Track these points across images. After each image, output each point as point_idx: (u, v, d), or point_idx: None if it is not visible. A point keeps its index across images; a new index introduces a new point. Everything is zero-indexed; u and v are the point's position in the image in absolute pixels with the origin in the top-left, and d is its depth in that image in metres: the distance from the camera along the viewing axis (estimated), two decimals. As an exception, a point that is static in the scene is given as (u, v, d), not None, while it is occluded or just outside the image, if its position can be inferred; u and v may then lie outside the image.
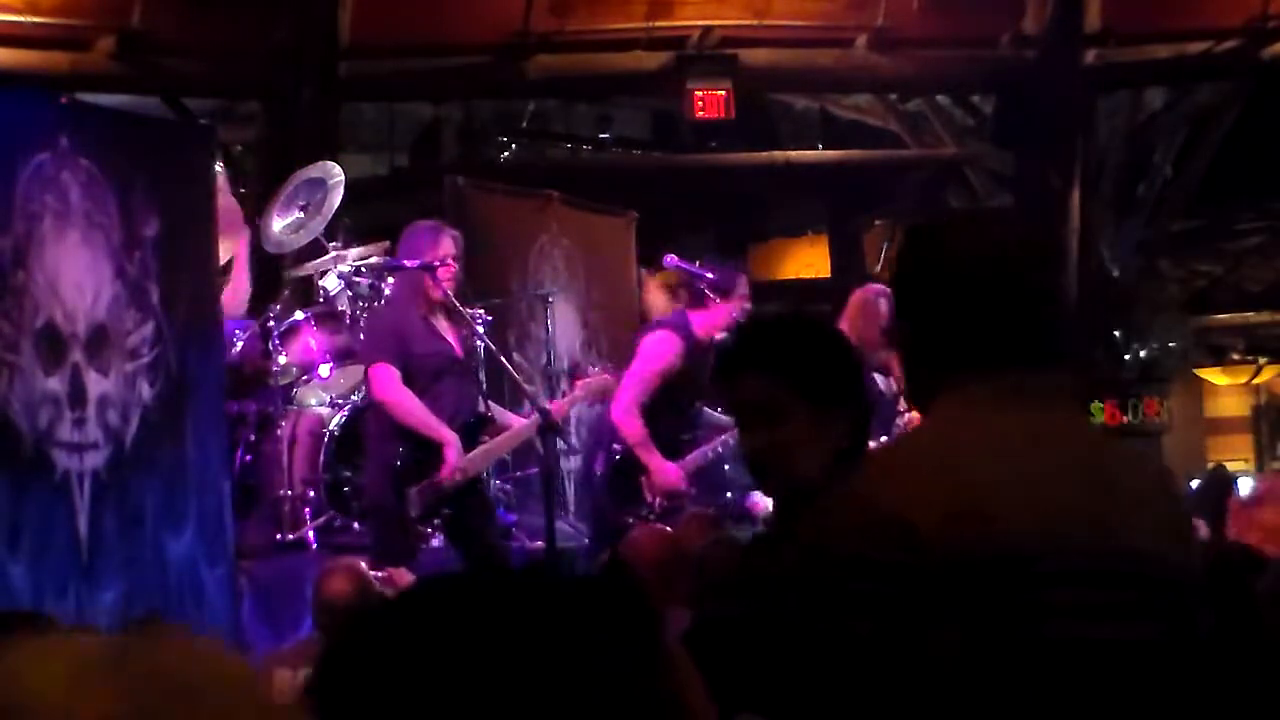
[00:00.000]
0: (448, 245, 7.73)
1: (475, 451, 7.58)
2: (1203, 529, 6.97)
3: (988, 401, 2.52)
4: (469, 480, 7.55)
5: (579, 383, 8.21)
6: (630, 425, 8.01)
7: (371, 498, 7.71)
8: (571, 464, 9.68)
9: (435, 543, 7.99)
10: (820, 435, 3.22)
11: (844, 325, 8.40)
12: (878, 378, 8.59)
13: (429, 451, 7.45)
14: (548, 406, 7.80)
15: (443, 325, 7.69)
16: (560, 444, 8.41)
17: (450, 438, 7.42)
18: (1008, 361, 2.52)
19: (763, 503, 8.27)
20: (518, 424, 7.82)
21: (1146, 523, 2.51)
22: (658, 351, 8.17)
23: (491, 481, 8.08)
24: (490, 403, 7.90)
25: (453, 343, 7.69)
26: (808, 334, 3.37)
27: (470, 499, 7.60)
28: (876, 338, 8.47)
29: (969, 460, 2.47)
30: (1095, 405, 15.47)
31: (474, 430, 7.63)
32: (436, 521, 7.58)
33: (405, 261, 8.01)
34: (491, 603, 1.26)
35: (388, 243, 8.52)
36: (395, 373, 7.45)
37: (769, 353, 3.31)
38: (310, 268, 8.86)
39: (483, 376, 8.10)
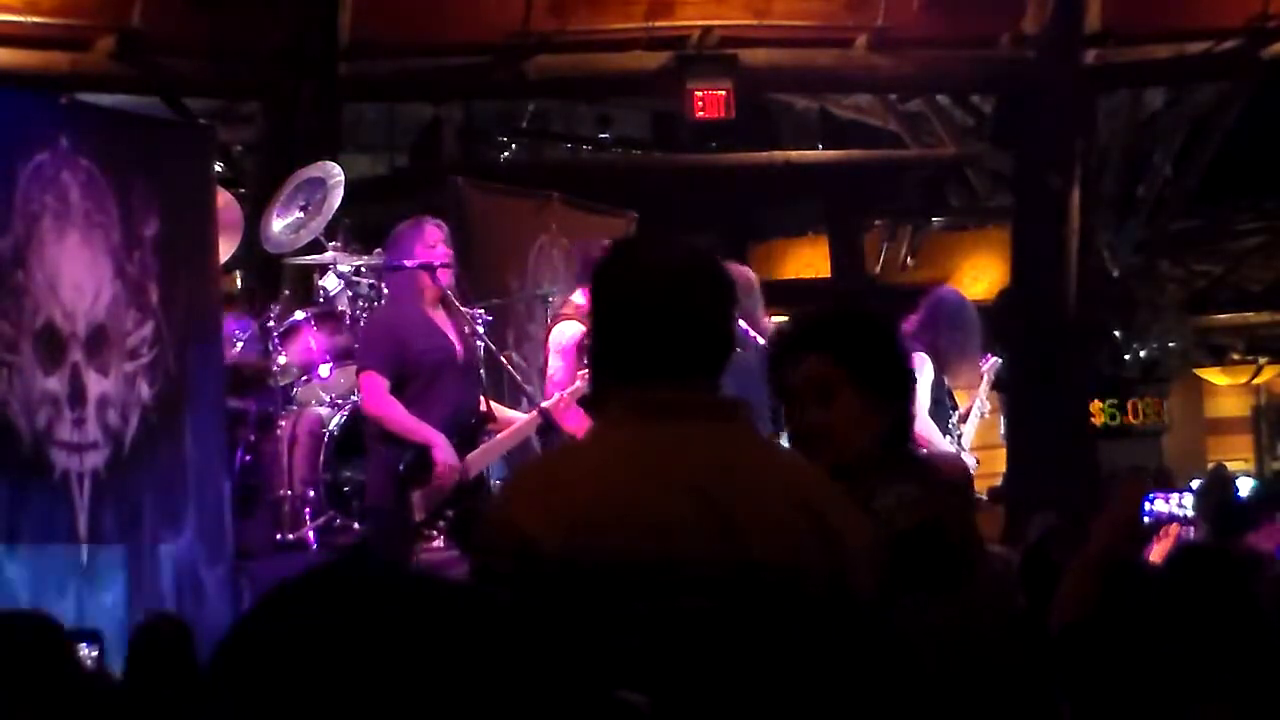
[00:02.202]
0: (434, 234, 7.71)
1: (477, 450, 7.56)
2: (1193, 531, 6.98)
3: (626, 416, 2.68)
4: (472, 480, 7.54)
5: (580, 375, 8.14)
6: None
7: (373, 499, 7.69)
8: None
9: (436, 543, 7.99)
10: (866, 421, 3.38)
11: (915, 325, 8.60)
12: (945, 379, 8.76)
13: (430, 454, 7.44)
14: (547, 406, 7.79)
15: (443, 321, 7.67)
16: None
17: (436, 439, 7.38)
18: (652, 377, 2.68)
19: None
20: (519, 421, 7.80)
21: (773, 534, 2.62)
22: (562, 341, 8.09)
23: (492, 481, 8.07)
24: (491, 401, 7.88)
25: (453, 339, 7.66)
26: (863, 324, 3.54)
27: (472, 500, 7.58)
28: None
29: (592, 473, 2.63)
30: (1095, 405, 15.49)
31: (475, 429, 7.61)
32: (441, 524, 7.56)
33: (406, 262, 8.02)
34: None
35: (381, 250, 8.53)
36: (382, 383, 7.43)
37: (827, 336, 3.47)
38: (308, 260, 8.86)
39: (484, 374, 8.09)
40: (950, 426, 9.01)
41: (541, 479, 2.75)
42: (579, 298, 7.97)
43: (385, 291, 8.50)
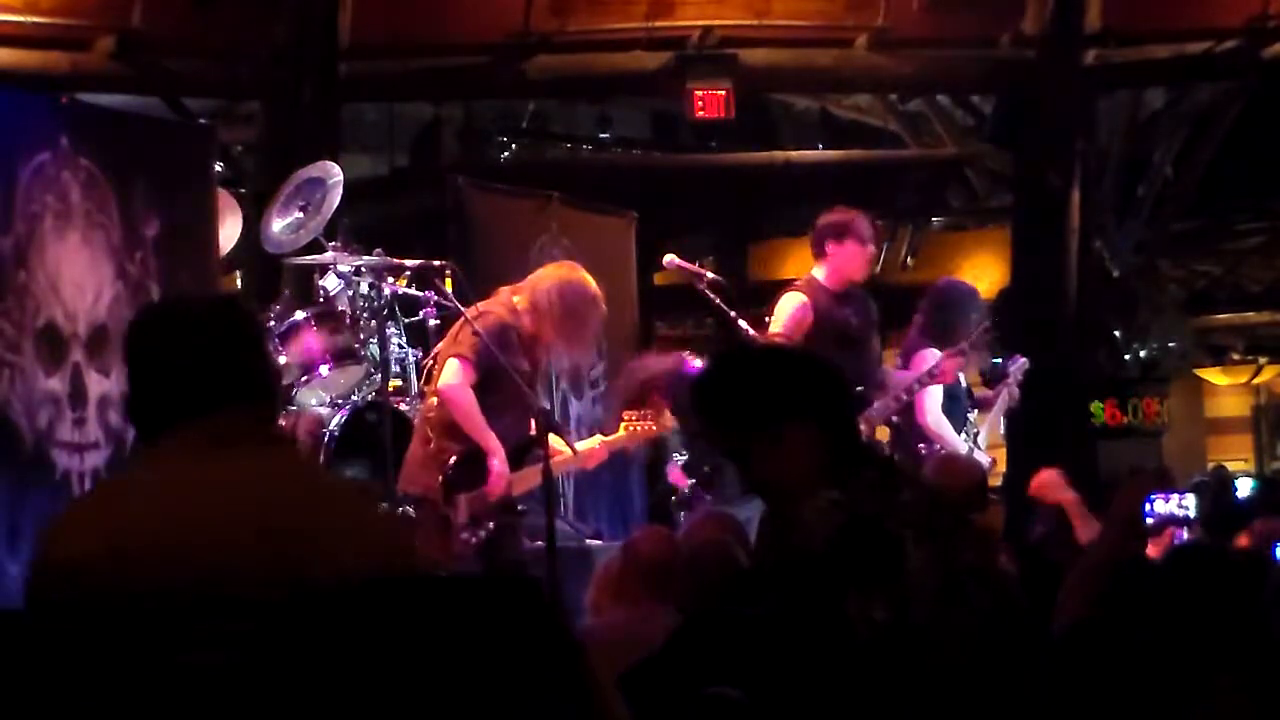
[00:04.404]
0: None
1: (522, 472, 7.60)
2: (1187, 532, 6.98)
3: (177, 449, 2.82)
4: (512, 503, 7.56)
5: (626, 424, 8.16)
6: None
7: (416, 488, 7.67)
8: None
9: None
10: (791, 450, 3.54)
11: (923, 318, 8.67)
12: (961, 376, 8.80)
13: (480, 460, 7.46)
14: (546, 407, 7.81)
15: (530, 349, 7.72)
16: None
17: (496, 447, 7.43)
18: (196, 414, 2.84)
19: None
20: (564, 449, 7.79)
21: (325, 553, 2.75)
22: (780, 314, 8.47)
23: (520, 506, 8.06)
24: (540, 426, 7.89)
25: (529, 369, 7.72)
26: (700, 383, 3.73)
27: (508, 524, 7.61)
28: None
29: (144, 501, 2.76)
30: (1095, 405, 15.48)
31: (521, 452, 7.64)
32: (481, 533, 7.55)
33: (406, 261, 8.03)
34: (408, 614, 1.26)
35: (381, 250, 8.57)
36: (470, 372, 7.45)
37: (730, 384, 3.67)
38: (308, 260, 8.87)
39: (544, 401, 8.09)
40: (968, 426, 9.01)
41: (94, 507, 2.89)
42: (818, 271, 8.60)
43: (385, 291, 8.53)
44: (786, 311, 8.47)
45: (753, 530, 6.61)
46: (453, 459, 7.47)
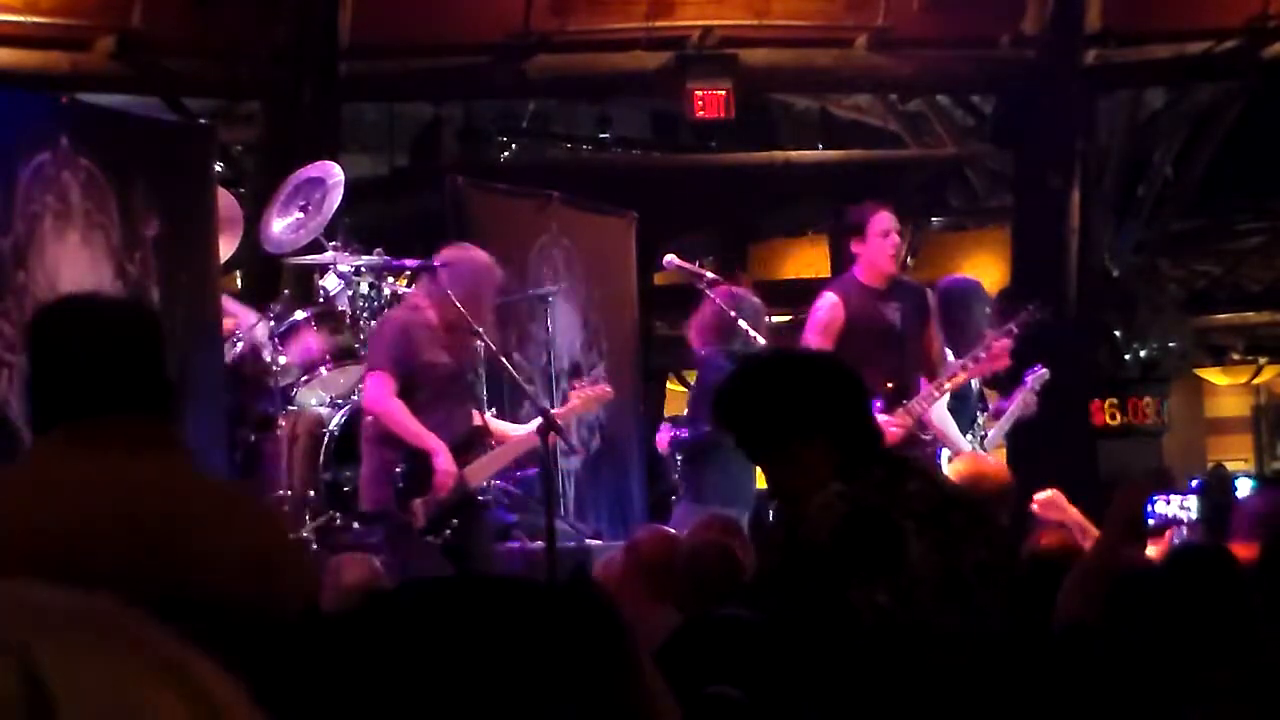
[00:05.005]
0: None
1: (476, 463, 7.55)
2: (1187, 532, 6.98)
3: (65, 447, 2.82)
4: (470, 495, 7.52)
5: (575, 393, 8.16)
6: None
7: (373, 503, 7.66)
8: (571, 464, 9.68)
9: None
10: (803, 464, 3.69)
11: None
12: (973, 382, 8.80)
13: (427, 461, 7.42)
14: (548, 406, 7.79)
15: (444, 339, 7.64)
16: (560, 444, 8.40)
17: (437, 446, 7.37)
18: (92, 413, 2.83)
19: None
20: (516, 434, 7.77)
21: (202, 564, 2.76)
22: (812, 315, 8.44)
23: (492, 482, 8.04)
24: (485, 414, 7.85)
25: (449, 359, 7.64)
26: (773, 381, 3.85)
27: (471, 517, 7.57)
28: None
29: (15, 497, 2.78)
30: (1096, 405, 15.48)
31: (467, 444, 7.59)
32: (448, 533, 7.53)
33: (406, 261, 8.02)
34: (459, 613, 1.26)
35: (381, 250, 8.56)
36: (390, 383, 7.41)
37: (743, 395, 3.84)
38: (308, 260, 8.87)
39: (480, 391, 8.05)
40: (974, 427, 8.99)
41: None
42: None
43: (385, 291, 8.53)
44: (817, 312, 8.47)
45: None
46: (399, 469, 7.44)
